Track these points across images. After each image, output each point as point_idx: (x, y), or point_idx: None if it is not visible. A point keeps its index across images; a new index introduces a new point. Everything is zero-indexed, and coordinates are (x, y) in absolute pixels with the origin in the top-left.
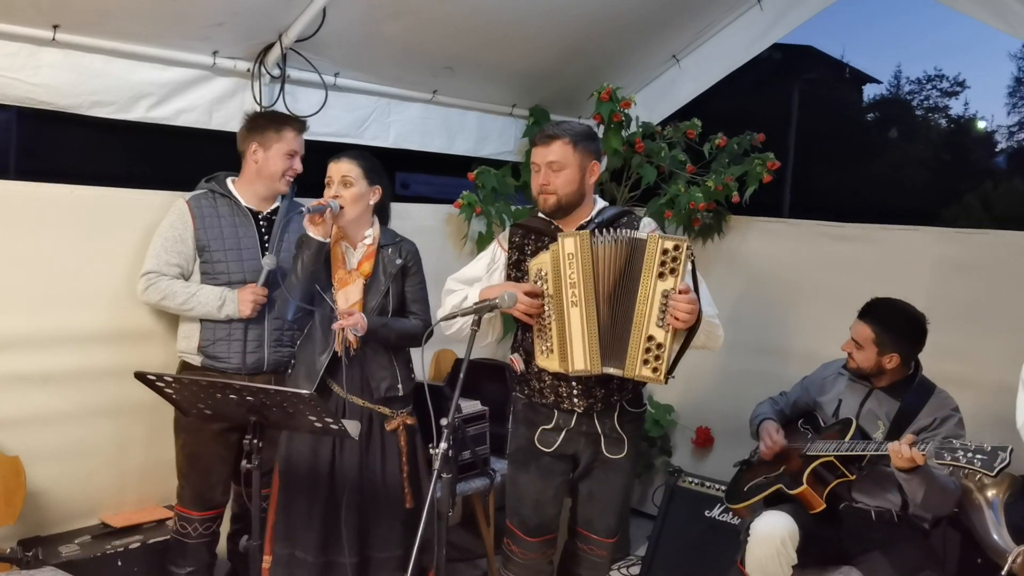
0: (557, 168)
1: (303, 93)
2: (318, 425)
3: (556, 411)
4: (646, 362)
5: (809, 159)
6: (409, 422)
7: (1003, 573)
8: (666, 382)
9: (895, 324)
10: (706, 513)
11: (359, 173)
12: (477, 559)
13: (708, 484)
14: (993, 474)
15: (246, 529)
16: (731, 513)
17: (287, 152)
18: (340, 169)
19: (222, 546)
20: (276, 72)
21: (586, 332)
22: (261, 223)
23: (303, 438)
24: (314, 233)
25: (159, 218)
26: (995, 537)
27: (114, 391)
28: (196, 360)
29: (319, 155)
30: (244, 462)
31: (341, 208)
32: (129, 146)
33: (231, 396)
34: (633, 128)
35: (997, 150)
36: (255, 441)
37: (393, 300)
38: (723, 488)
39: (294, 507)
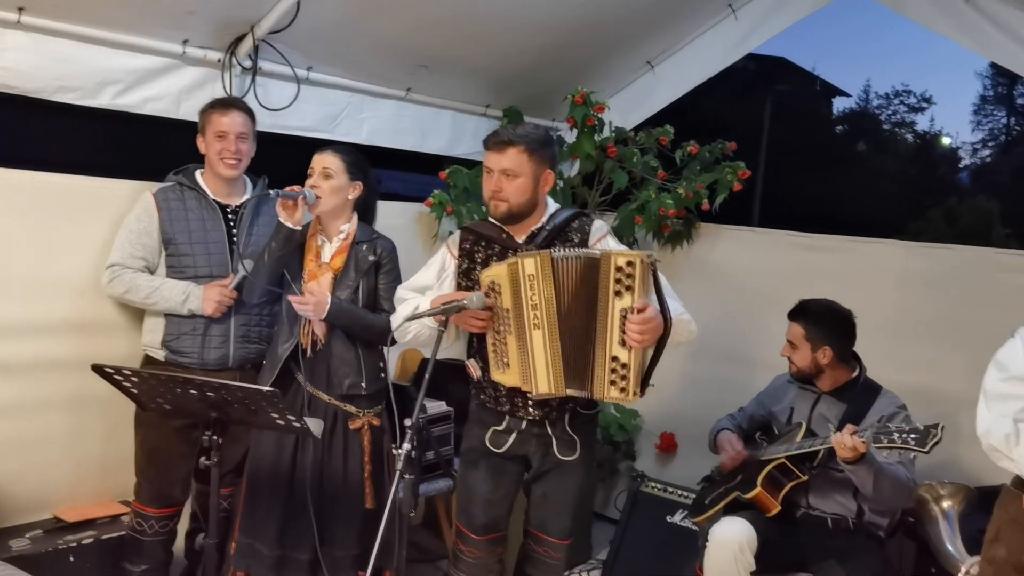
0: (511, 176)
1: (275, 86)
2: (280, 423)
3: (507, 416)
4: (613, 383)
5: (779, 169)
6: (375, 423)
7: None
8: (641, 396)
9: (821, 318)
10: (668, 519)
11: (340, 167)
12: (438, 560)
13: (671, 490)
14: (926, 450)
15: (205, 527)
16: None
17: (216, 133)
18: (322, 161)
19: (180, 544)
20: (247, 63)
21: (549, 355)
22: (230, 216)
23: (269, 433)
24: (284, 219)
25: (126, 208)
26: (949, 547)
27: (74, 383)
28: (160, 354)
29: (291, 149)
30: (203, 459)
31: (317, 198)
32: (96, 134)
33: (191, 391)
34: (606, 133)
35: (961, 166)
36: (215, 438)
37: (363, 296)
38: (685, 494)
39: (258, 501)
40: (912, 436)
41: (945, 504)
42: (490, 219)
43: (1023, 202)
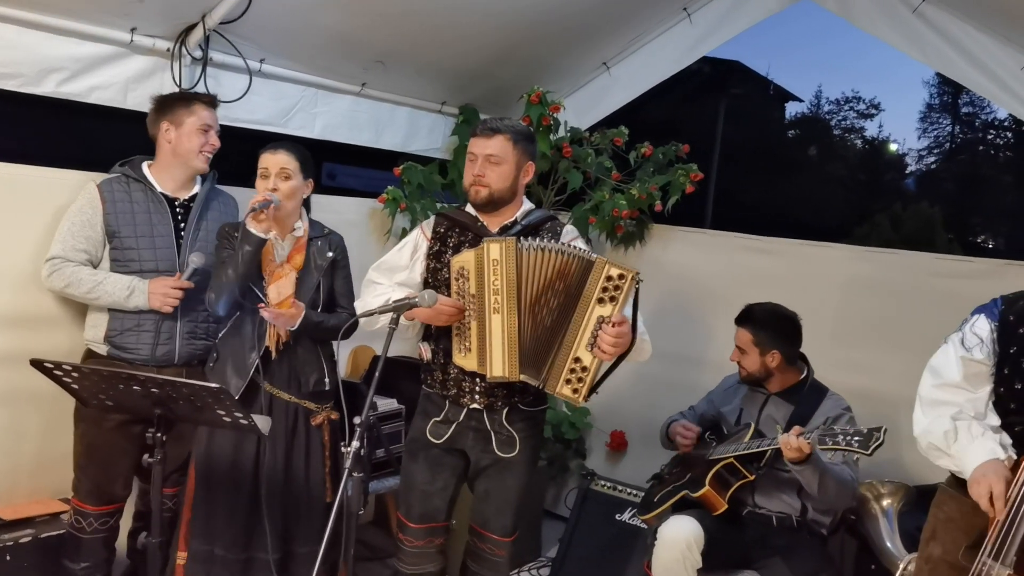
0: (495, 162)
1: (226, 77)
2: (227, 420)
3: (448, 403)
4: (568, 381)
5: (732, 172)
6: (333, 417)
7: None
8: (586, 401)
9: (768, 323)
10: (617, 517)
11: (296, 167)
12: (388, 558)
13: (620, 488)
14: (868, 452)
15: (148, 526)
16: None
17: (200, 127)
18: (278, 161)
19: (122, 542)
20: (198, 54)
21: (506, 340)
22: (178, 210)
23: (225, 434)
24: (255, 229)
25: (70, 199)
26: (888, 544)
27: (12, 378)
28: (103, 349)
29: (241, 143)
30: (147, 456)
31: (280, 202)
32: (40, 122)
33: (135, 388)
34: (561, 133)
35: (907, 172)
36: (159, 435)
37: (323, 295)
38: (635, 492)
39: (215, 503)
40: (856, 439)
41: (885, 502)
42: (466, 208)
43: (965, 209)
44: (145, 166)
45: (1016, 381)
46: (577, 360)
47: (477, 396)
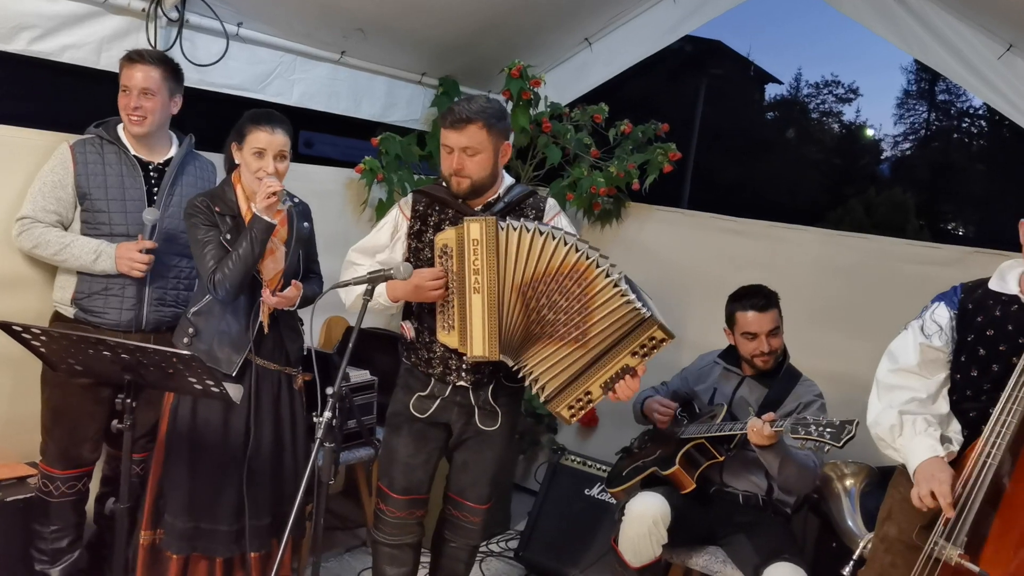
0: (472, 153)
1: (202, 40)
2: (198, 387)
3: (432, 379)
4: (570, 407)
5: (711, 152)
6: (307, 379)
7: (854, 557)
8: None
9: (778, 303)
10: (586, 491)
11: (290, 145)
12: (357, 528)
13: (590, 463)
14: (840, 445)
15: (115, 492)
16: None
17: (121, 87)
18: (277, 143)
19: (90, 507)
20: (174, 15)
21: (487, 320)
22: (151, 174)
23: (211, 407)
24: (269, 216)
25: (42, 160)
26: (850, 523)
27: None
28: (69, 312)
29: (218, 106)
30: (116, 422)
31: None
32: (10, 80)
33: (104, 353)
34: (541, 108)
35: (882, 158)
36: (128, 401)
37: (301, 264)
38: (603, 467)
39: (202, 479)
40: (828, 430)
41: (848, 482)
42: (444, 183)
43: (937, 196)
44: (120, 128)
45: (972, 368)
46: (588, 393)
47: (464, 374)
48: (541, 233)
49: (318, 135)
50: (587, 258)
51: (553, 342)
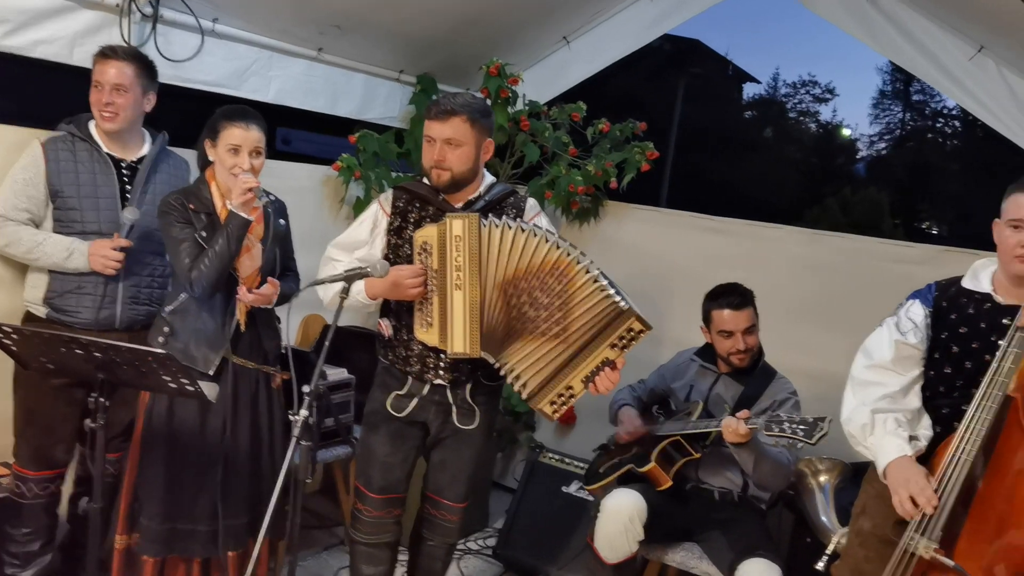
0: (454, 144)
1: (177, 36)
2: (172, 386)
3: (410, 378)
4: (552, 403)
5: (689, 151)
6: (286, 377)
7: (828, 552)
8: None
9: (753, 300)
10: (564, 489)
11: (264, 141)
12: (335, 527)
13: (568, 461)
14: (812, 442)
15: (89, 492)
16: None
17: (94, 83)
18: (252, 139)
19: (63, 508)
20: (148, 10)
21: (468, 317)
22: (124, 171)
23: (188, 408)
24: (245, 212)
25: (13, 156)
26: (824, 519)
27: None
28: (41, 311)
29: (193, 103)
30: (88, 421)
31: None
32: None
33: (77, 351)
34: (519, 106)
35: (858, 157)
36: (102, 400)
37: (278, 262)
38: (582, 465)
39: (179, 480)
40: (801, 427)
41: (822, 478)
42: (425, 180)
43: (912, 195)
44: (91, 125)
45: (945, 365)
46: (569, 388)
47: (442, 372)
48: (523, 230)
49: (295, 132)
50: (568, 255)
51: (534, 338)
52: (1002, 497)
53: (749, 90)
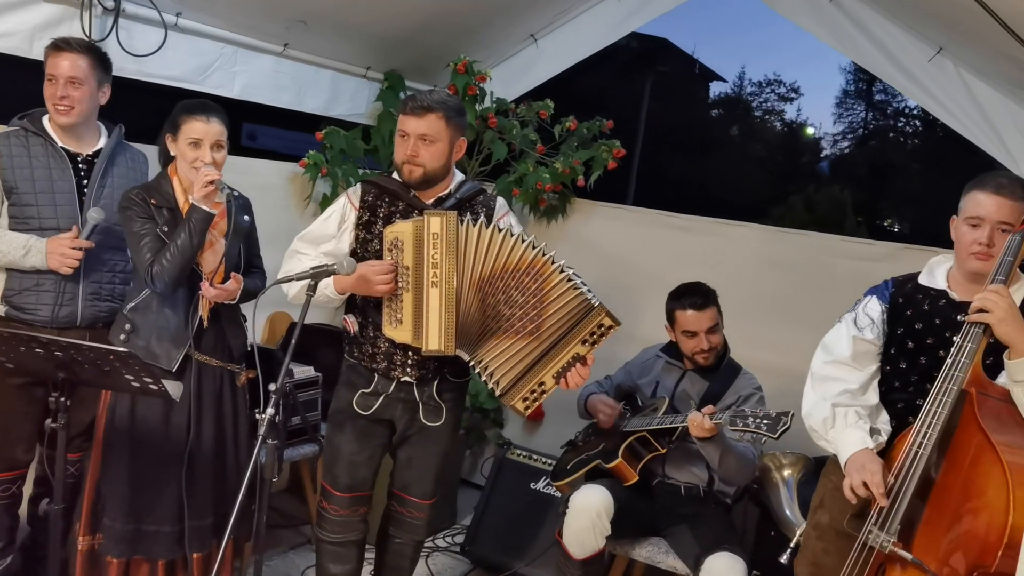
0: (429, 140)
1: (140, 30)
2: (135, 385)
3: (376, 375)
4: (525, 399)
5: (656, 149)
6: (251, 376)
7: (792, 544)
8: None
9: (716, 300)
10: (532, 485)
11: (226, 135)
12: (302, 525)
13: (535, 457)
14: (776, 436)
15: (50, 493)
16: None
17: (48, 76)
18: (213, 132)
19: (23, 509)
20: (110, 4)
21: (444, 314)
22: (80, 166)
23: (151, 407)
24: (208, 206)
25: None
26: (788, 512)
27: None
28: (0, 310)
29: (156, 99)
30: (49, 421)
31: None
32: None
33: (37, 350)
34: (487, 103)
35: (822, 156)
36: (63, 399)
37: (242, 258)
38: (549, 462)
39: (143, 480)
40: (764, 422)
41: (786, 472)
42: (394, 175)
43: (874, 193)
44: (45, 119)
45: (901, 360)
46: (541, 384)
47: (409, 369)
48: (500, 230)
49: (261, 128)
50: (543, 255)
51: (508, 336)
52: (958, 489)
53: (716, 89)
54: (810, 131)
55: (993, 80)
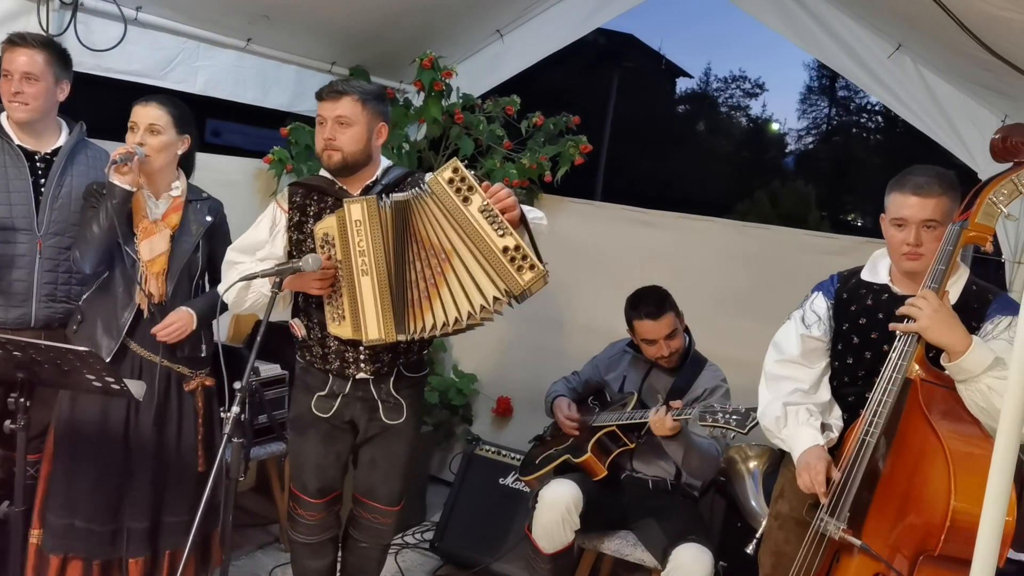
0: (345, 123)
1: (98, 24)
2: (97, 384)
3: (331, 376)
4: (520, 268)
5: (623, 145)
6: (208, 383)
7: (758, 535)
8: (546, 274)
9: (673, 304)
10: (501, 481)
11: (168, 121)
12: (270, 524)
13: (504, 453)
14: (745, 431)
15: (9, 495)
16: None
17: (3, 72)
18: (147, 115)
19: None
20: None
21: (379, 301)
22: (38, 164)
23: (91, 399)
24: (120, 182)
25: None
26: (753, 504)
27: None
28: None
29: (116, 94)
30: (8, 422)
31: (147, 156)
32: None
33: None
34: (453, 99)
35: (787, 151)
36: (22, 400)
37: (202, 259)
38: (518, 457)
39: (77, 473)
40: (734, 418)
41: (752, 464)
42: (322, 173)
43: (837, 188)
44: (3, 117)
45: (847, 356)
46: (505, 249)
47: (363, 365)
48: (414, 195)
49: (225, 124)
50: (416, 196)
51: (436, 290)
52: (904, 476)
53: (682, 84)
54: (775, 127)
55: (951, 77)
